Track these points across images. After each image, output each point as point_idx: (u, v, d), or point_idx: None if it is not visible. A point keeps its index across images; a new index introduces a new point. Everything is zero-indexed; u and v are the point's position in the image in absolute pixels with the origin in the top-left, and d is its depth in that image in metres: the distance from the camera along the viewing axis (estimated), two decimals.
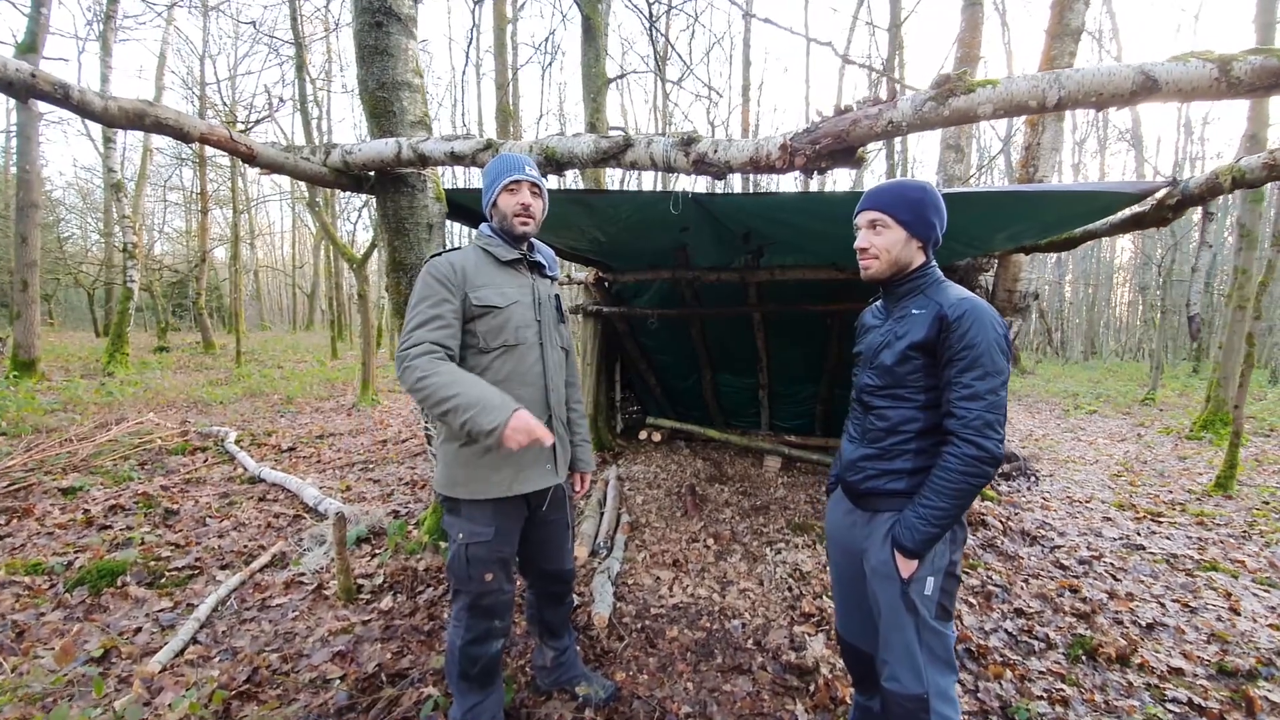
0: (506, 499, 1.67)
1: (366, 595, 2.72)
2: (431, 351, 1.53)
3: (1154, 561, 3.51)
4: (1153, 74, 1.28)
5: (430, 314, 1.58)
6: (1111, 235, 2.83)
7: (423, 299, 1.60)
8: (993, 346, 1.30)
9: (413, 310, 1.60)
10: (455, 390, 1.45)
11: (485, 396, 1.45)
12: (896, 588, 1.40)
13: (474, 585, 1.65)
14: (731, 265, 4.62)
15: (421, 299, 1.60)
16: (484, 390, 1.48)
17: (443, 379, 1.47)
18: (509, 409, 1.44)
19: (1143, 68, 1.30)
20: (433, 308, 1.58)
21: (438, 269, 1.62)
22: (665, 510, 4.08)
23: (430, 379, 1.47)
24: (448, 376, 1.48)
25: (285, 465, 4.92)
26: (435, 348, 1.54)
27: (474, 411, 1.42)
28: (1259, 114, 6.26)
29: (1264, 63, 1.19)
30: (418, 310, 1.59)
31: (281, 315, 33.80)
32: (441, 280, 1.60)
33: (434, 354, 1.53)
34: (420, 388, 1.48)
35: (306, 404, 7.90)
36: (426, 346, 1.53)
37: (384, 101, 2.67)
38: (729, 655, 2.42)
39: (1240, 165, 2.00)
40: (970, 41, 4.88)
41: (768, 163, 1.68)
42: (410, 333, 1.57)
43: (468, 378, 1.51)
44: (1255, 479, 5.28)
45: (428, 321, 1.57)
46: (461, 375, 1.51)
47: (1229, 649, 2.54)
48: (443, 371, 1.49)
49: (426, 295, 1.60)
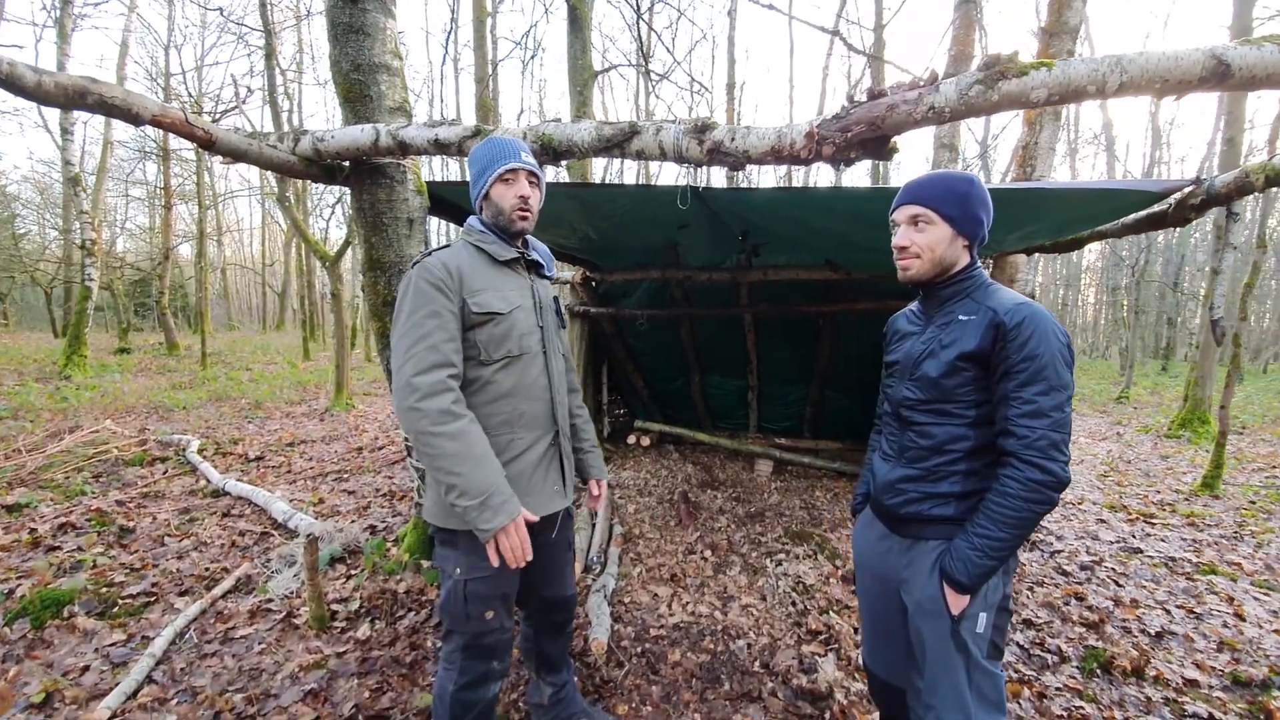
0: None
1: (341, 623, 2.50)
2: (444, 390, 1.33)
3: (1154, 566, 3.48)
4: (1225, 58, 1.17)
5: (430, 327, 1.36)
6: (1122, 235, 2.76)
7: (418, 308, 1.38)
8: (1056, 358, 1.17)
9: (407, 322, 1.38)
10: (462, 469, 1.30)
11: (492, 488, 1.31)
12: (945, 625, 1.26)
13: (472, 625, 1.47)
14: (724, 265, 4.50)
15: (416, 308, 1.38)
16: (490, 477, 1.32)
17: (454, 445, 1.30)
18: (510, 514, 1.32)
19: (1214, 51, 1.18)
20: (431, 318, 1.36)
21: (431, 272, 1.40)
22: (658, 519, 3.92)
23: (439, 440, 1.30)
24: (461, 444, 1.31)
25: (252, 476, 4.62)
26: (447, 381, 1.34)
27: (475, 502, 1.30)
28: (1235, 117, 6.36)
29: None
30: (414, 322, 1.37)
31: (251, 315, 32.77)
32: (438, 285, 1.39)
33: (447, 393, 1.33)
34: (425, 444, 1.31)
35: (276, 409, 7.54)
36: (439, 380, 1.33)
37: (359, 85, 2.45)
38: (736, 681, 2.27)
39: (1275, 163, 1.93)
40: (964, 40, 4.82)
41: (791, 152, 1.53)
42: (411, 352, 1.34)
43: (479, 448, 1.33)
44: (1238, 478, 5.34)
45: (427, 336, 1.35)
46: (474, 443, 1.33)
47: (1240, 657, 2.49)
48: (457, 433, 1.31)
49: (422, 304, 1.38)
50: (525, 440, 1.50)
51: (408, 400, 1.31)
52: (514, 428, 1.48)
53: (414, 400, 1.31)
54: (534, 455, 1.52)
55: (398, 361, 1.36)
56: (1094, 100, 1.29)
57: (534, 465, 1.52)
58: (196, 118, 2.14)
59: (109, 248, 17.64)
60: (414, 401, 1.30)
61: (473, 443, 1.32)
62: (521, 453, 1.49)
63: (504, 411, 1.47)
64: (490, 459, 1.34)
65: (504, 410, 1.47)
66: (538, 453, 1.52)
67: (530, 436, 1.51)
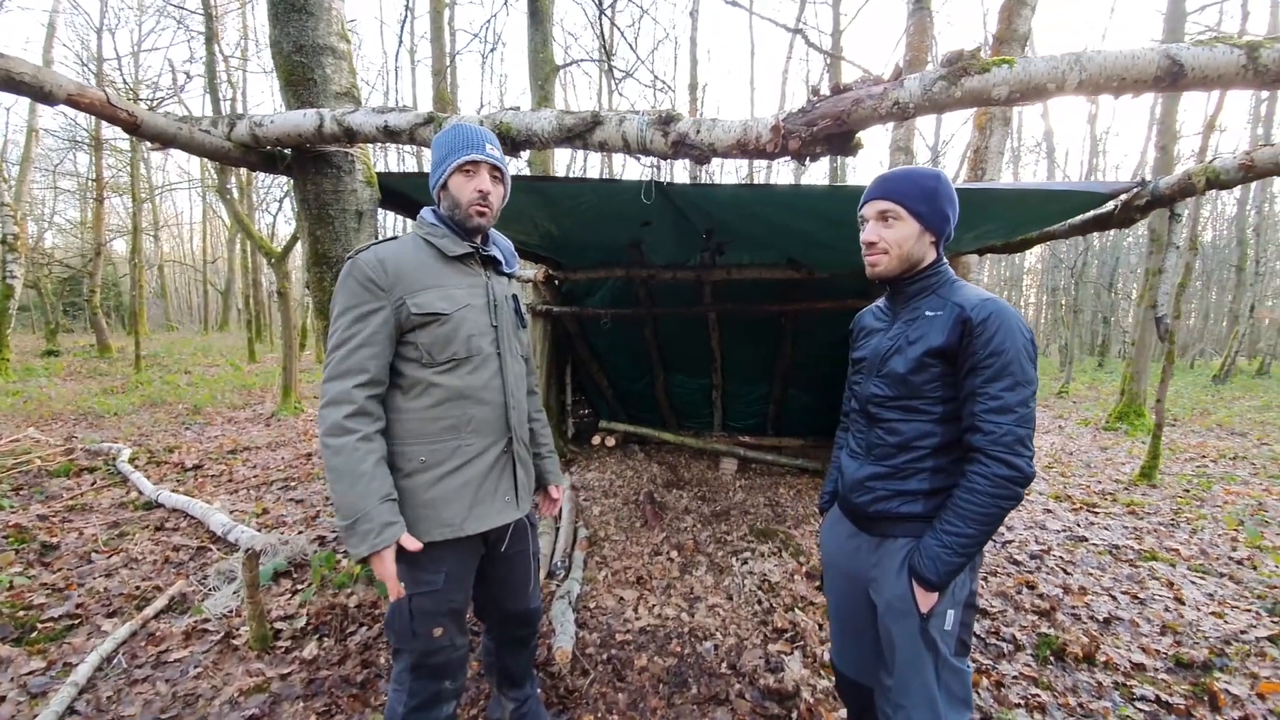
0: (458, 539, 1.39)
1: (286, 642, 2.34)
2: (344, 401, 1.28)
3: (1099, 553, 3.63)
4: (1179, 59, 1.19)
5: (351, 331, 1.30)
6: (1070, 236, 2.86)
7: (345, 310, 1.30)
8: (1021, 353, 1.17)
9: (334, 324, 1.32)
10: (338, 486, 1.26)
11: (360, 513, 1.25)
12: (914, 624, 1.24)
13: (420, 643, 1.37)
14: (688, 263, 4.48)
15: (345, 309, 1.30)
16: (362, 501, 1.25)
17: (336, 460, 1.26)
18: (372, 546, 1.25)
19: (1168, 51, 1.20)
20: (357, 322, 1.30)
21: (362, 269, 1.31)
22: (624, 521, 3.86)
23: (326, 453, 1.27)
24: (342, 459, 1.26)
25: (189, 487, 4.33)
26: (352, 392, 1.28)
27: (343, 524, 1.26)
28: (1167, 126, 6.75)
29: None
30: (340, 324, 1.31)
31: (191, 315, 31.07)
32: (366, 284, 1.30)
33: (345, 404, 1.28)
34: (324, 451, 1.29)
35: (217, 414, 7.13)
36: (343, 391, 1.28)
37: (302, 68, 2.30)
38: (704, 684, 2.23)
39: (1215, 166, 2.01)
40: (919, 45, 4.93)
41: (757, 146, 1.49)
42: (329, 354, 1.32)
43: (361, 466, 1.27)
44: (1172, 468, 5.66)
45: (346, 341, 1.30)
46: (356, 462, 1.27)
47: (1181, 640, 2.60)
48: (340, 448, 1.26)
49: (350, 305, 1.30)
50: (474, 447, 1.40)
51: (320, 406, 1.31)
52: (460, 433, 1.38)
53: (320, 405, 1.30)
54: (483, 463, 1.42)
55: (325, 363, 1.34)
56: (1053, 98, 1.30)
57: (483, 474, 1.42)
58: (120, 99, 1.96)
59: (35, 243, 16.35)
60: (320, 407, 1.30)
61: (355, 461, 1.25)
62: (469, 460, 1.39)
63: (449, 416, 1.37)
64: (372, 481, 1.26)
65: (449, 415, 1.37)
66: (488, 461, 1.43)
67: (480, 443, 1.41)
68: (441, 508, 1.35)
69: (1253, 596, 2.97)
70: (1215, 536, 3.84)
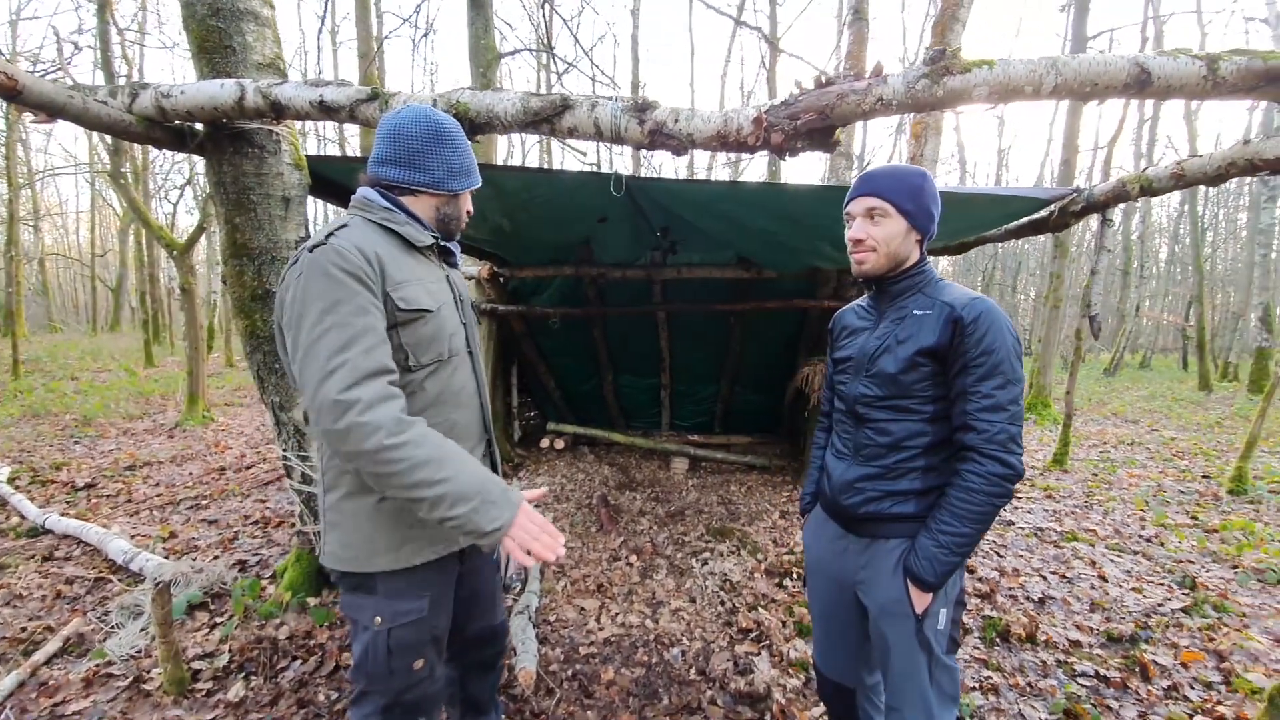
0: (441, 558, 1.25)
1: (207, 683, 2.07)
2: (390, 397, 1.05)
3: (1026, 536, 3.87)
4: (1147, 67, 1.24)
5: (359, 327, 1.06)
6: (1004, 240, 3.01)
7: (338, 303, 1.06)
8: (1011, 352, 1.17)
9: (324, 321, 1.05)
10: (446, 471, 1.04)
11: (484, 483, 1.08)
12: (910, 626, 1.22)
13: (397, 681, 1.21)
14: (638, 262, 4.42)
15: (336, 303, 1.06)
16: (477, 472, 1.09)
17: (425, 451, 1.04)
18: (513, 504, 1.09)
19: (1138, 59, 1.25)
20: (358, 316, 1.07)
21: (347, 259, 1.08)
22: (579, 526, 3.74)
23: (405, 450, 1.02)
24: (432, 447, 1.05)
25: (82, 509, 3.81)
26: (390, 388, 1.07)
27: (471, 506, 1.04)
28: (1070, 140, 7.39)
29: (1249, 64, 1.19)
30: (338, 320, 1.05)
31: (77, 315, 27.84)
32: (357, 274, 1.09)
33: (394, 401, 1.06)
34: (387, 462, 1.01)
35: (111, 425, 6.37)
36: (377, 387, 1.04)
37: (219, 33, 2.03)
38: (675, 693, 2.17)
39: (1147, 174, 2.17)
40: (857, 55, 5.10)
41: (738, 139, 1.43)
42: (340, 359, 1.03)
43: (453, 449, 1.09)
44: (1079, 454, 6.17)
45: (359, 339, 1.05)
46: (443, 441, 1.09)
47: (1109, 616, 2.79)
48: (422, 438, 1.05)
49: (343, 298, 1.06)
50: None
51: (348, 416, 1.00)
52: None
53: (357, 414, 1.01)
54: None
55: (317, 372, 1.03)
56: (1028, 100, 1.33)
57: None
58: None
59: None
60: (357, 415, 1.01)
61: (440, 442, 1.08)
62: None
63: (433, 423, 1.21)
64: (466, 455, 1.11)
65: (434, 421, 1.20)
66: None
67: (463, 449, 1.29)
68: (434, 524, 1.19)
69: (1164, 571, 3.25)
70: (1125, 517, 4.20)
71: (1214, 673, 2.32)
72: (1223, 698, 2.17)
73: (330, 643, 2.32)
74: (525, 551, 1.08)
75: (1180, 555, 3.47)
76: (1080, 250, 16.06)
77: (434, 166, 1.26)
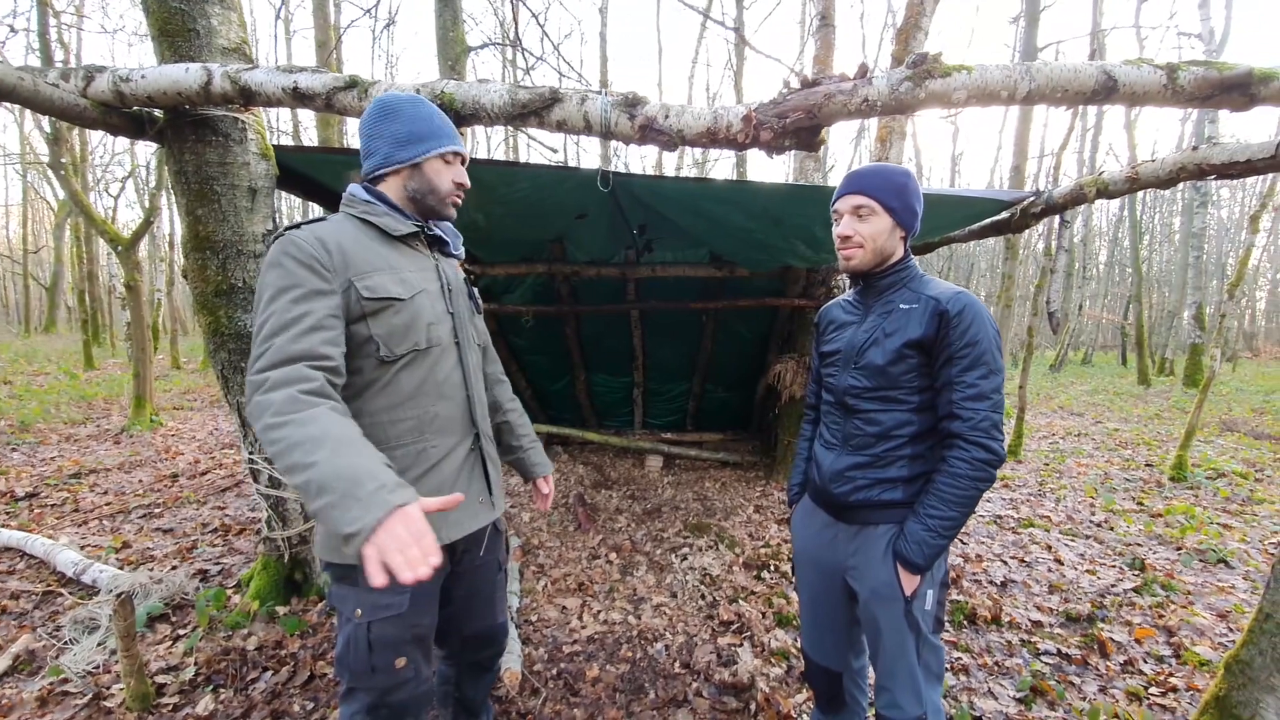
0: None
1: (173, 698, 1.96)
2: (297, 380, 1.00)
3: (986, 523, 4.04)
4: (1114, 74, 1.31)
5: (295, 313, 1.05)
6: (967, 241, 3.14)
7: (282, 290, 1.06)
8: (993, 343, 1.23)
9: (267, 309, 1.06)
10: (315, 455, 0.91)
11: (355, 476, 0.91)
12: (900, 608, 1.27)
13: (380, 679, 1.18)
14: (613, 260, 4.41)
15: (281, 290, 1.06)
16: (354, 463, 0.93)
17: (302, 431, 0.94)
18: (384, 505, 0.88)
19: (1105, 67, 1.32)
20: (298, 303, 1.06)
21: (301, 248, 1.09)
22: (556, 526, 3.72)
23: (284, 429, 0.94)
24: (313, 428, 0.95)
25: (24, 520, 3.57)
26: (306, 371, 1.01)
27: (328, 500, 0.89)
28: (1020, 149, 7.74)
29: (1204, 74, 1.28)
30: (274, 309, 1.06)
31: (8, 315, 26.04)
32: (309, 263, 1.08)
33: (300, 384, 0.99)
34: (270, 442, 0.95)
35: (52, 431, 5.98)
36: (290, 370, 1.00)
37: (182, 16, 1.93)
38: (661, 687, 2.18)
39: (1104, 178, 2.30)
40: (824, 60, 5.20)
41: (727, 135, 1.45)
42: (264, 343, 1.03)
43: (339, 430, 0.97)
44: (1030, 445, 6.47)
45: (290, 325, 1.04)
46: (331, 425, 0.97)
47: (1067, 597, 2.94)
48: (307, 419, 0.96)
49: (287, 286, 1.07)
50: (440, 448, 1.26)
51: (254, 396, 1.00)
52: (424, 434, 1.23)
53: (258, 393, 0.99)
54: (452, 464, 1.28)
55: (253, 354, 1.04)
56: (1003, 105, 1.39)
57: (453, 475, 1.28)
58: None
59: None
60: (258, 394, 0.99)
61: (330, 425, 0.96)
62: (437, 463, 1.25)
63: (411, 416, 1.21)
64: (358, 443, 0.97)
65: (410, 414, 1.21)
66: (456, 461, 1.29)
67: (446, 443, 1.27)
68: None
69: (1115, 554, 3.44)
70: (1076, 504, 4.43)
71: (1165, 647, 2.47)
72: (1174, 669, 2.31)
73: (303, 652, 2.24)
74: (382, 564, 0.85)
75: (1129, 539, 3.68)
76: (1028, 253, 16.86)
77: (380, 145, 1.26)
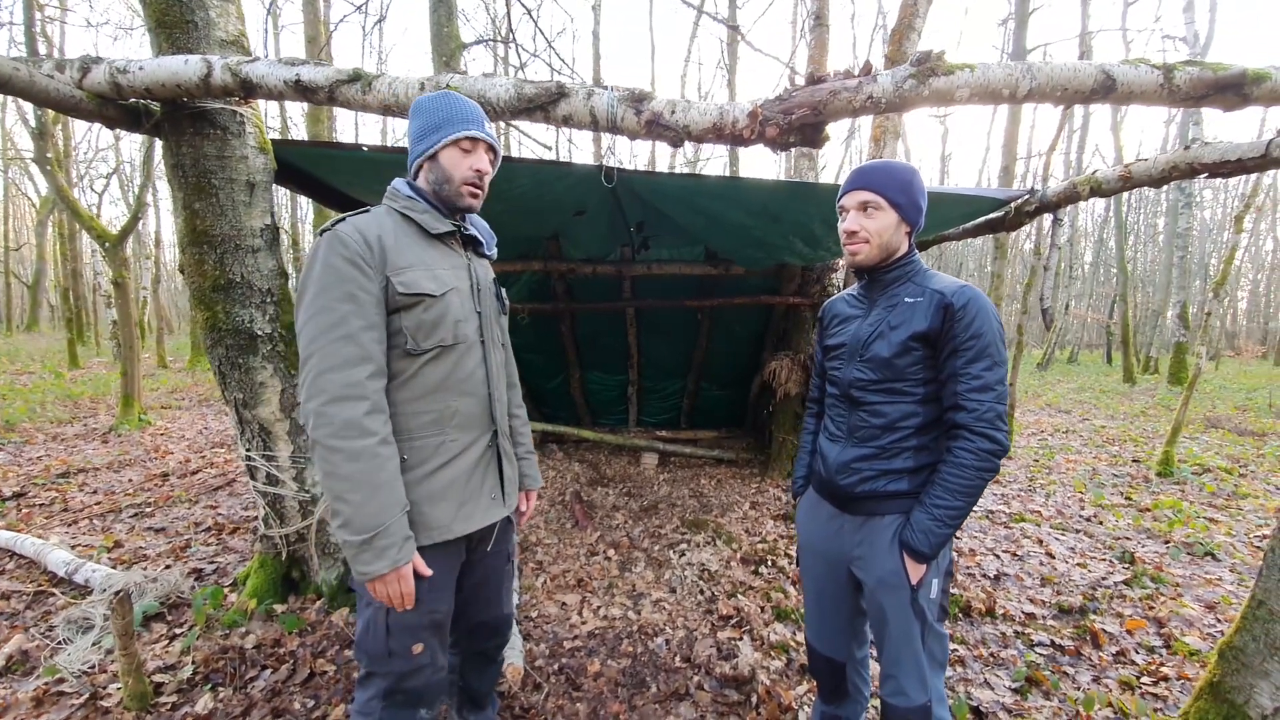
0: (444, 542, 1.24)
1: (171, 697, 1.94)
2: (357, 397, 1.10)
3: (979, 518, 4.09)
4: (1112, 74, 1.34)
5: (344, 312, 1.11)
6: (962, 239, 3.17)
7: (327, 286, 1.11)
8: (997, 336, 1.25)
9: (314, 304, 1.11)
10: (354, 497, 1.09)
11: (381, 526, 1.10)
12: (906, 596, 1.29)
13: (397, 663, 1.20)
14: (608, 258, 4.42)
15: (326, 287, 1.11)
16: (384, 513, 1.11)
17: (352, 468, 1.09)
18: (393, 562, 1.11)
19: (1103, 67, 1.35)
20: (346, 301, 1.11)
21: (347, 245, 1.13)
22: (554, 523, 3.72)
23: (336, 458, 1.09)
24: (361, 466, 1.09)
25: (13, 520, 3.51)
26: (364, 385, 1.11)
27: (357, 539, 1.09)
28: (1010, 149, 7.83)
29: (1200, 74, 1.31)
30: (323, 305, 1.11)
31: None
32: (355, 261, 1.13)
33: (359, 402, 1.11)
34: (321, 457, 1.10)
35: (38, 430, 5.89)
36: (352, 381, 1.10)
37: (180, 7, 1.91)
38: (662, 681, 2.19)
39: (1097, 176, 2.33)
40: (819, 60, 5.23)
41: (733, 131, 1.47)
42: (318, 343, 1.11)
43: (382, 475, 1.11)
44: (1020, 442, 6.56)
45: (341, 323, 1.11)
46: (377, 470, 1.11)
47: (1059, 589, 2.99)
48: (359, 453, 1.09)
49: (334, 283, 1.11)
50: (459, 442, 1.27)
51: (313, 402, 1.10)
52: (445, 428, 1.25)
53: (319, 403, 1.09)
54: (469, 459, 1.29)
55: (303, 354, 1.12)
56: (1004, 103, 1.41)
57: (469, 470, 1.29)
58: None
59: None
60: (319, 404, 1.09)
61: (376, 468, 1.10)
62: (455, 456, 1.26)
63: (433, 409, 1.23)
64: (393, 492, 1.13)
65: (433, 408, 1.23)
66: (473, 456, 1.30)
67: (465, 438, 1.28)
68: (428, 509, 1.21)
69: (1104, 548, 3.50)
70: (1066, 499, 4.49)
71: (1155, 638, 2.52)
72: (1165, 660, 2.36)
73: (302, 649, 2.22)
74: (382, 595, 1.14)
75: (1118, 533, 3.75)
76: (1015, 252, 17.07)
77: (410, 142, 1.29)
